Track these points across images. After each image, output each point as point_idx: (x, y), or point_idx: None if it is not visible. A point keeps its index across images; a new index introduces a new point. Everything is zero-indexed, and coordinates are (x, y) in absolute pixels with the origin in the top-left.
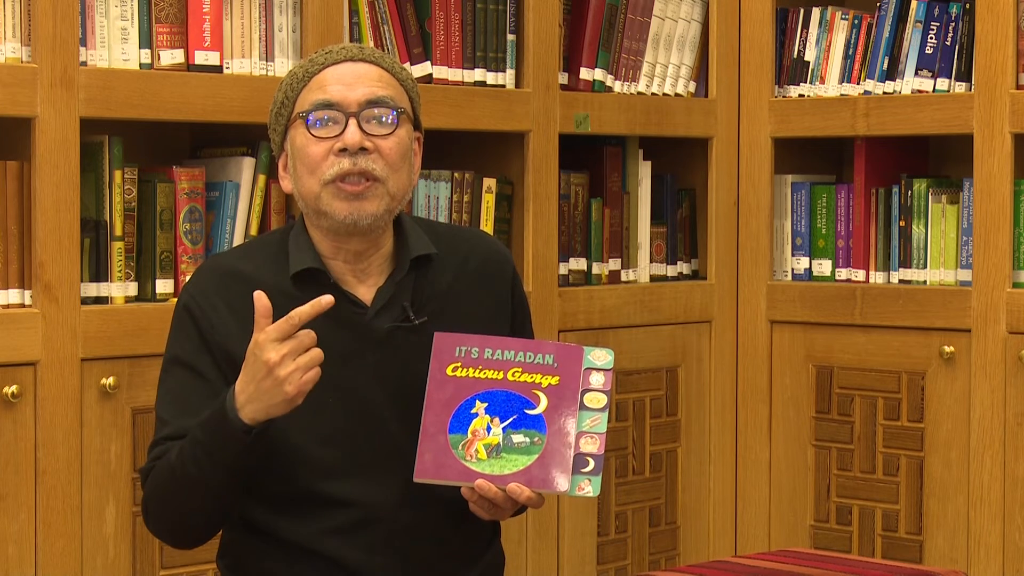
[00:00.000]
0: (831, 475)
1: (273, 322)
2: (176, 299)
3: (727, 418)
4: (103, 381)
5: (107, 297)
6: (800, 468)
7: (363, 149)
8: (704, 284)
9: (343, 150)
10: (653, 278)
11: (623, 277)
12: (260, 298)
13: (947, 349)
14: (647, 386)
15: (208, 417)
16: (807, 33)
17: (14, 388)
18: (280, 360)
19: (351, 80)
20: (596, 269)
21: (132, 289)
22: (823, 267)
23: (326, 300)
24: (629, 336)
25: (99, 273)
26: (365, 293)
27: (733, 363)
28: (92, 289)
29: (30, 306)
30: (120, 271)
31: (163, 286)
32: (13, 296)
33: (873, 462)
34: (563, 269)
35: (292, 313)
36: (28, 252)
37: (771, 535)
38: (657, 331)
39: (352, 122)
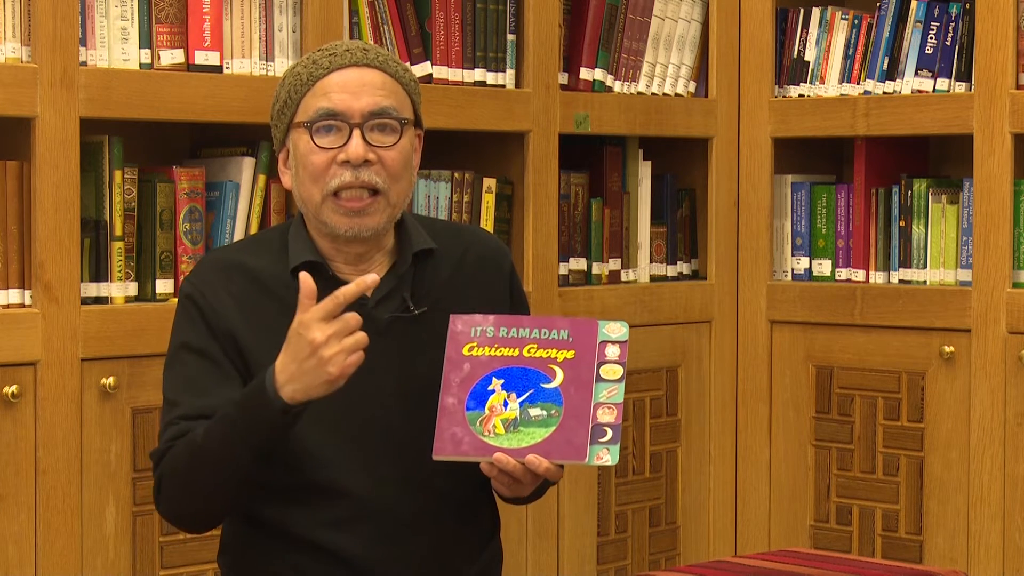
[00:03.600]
0: (831, 475)
1: (269, 309)
2: (178, 292)
3: (727, 418)
4: (103, 381)
5: (107, 297)
6: (800, 468)
7: (366, 161)
8: (704, 284)
9: (346, 162)
10: (653, 278)
11: (623, 277)
12: (306, 280)
13: (947, 349)
14: (647, 386)
15: (244, 396)
16: (807, 33)
17: (14, 388)
18: (325, 340)
19: (355, 88)
20: (596, 269)
21: (132, 289)
22: (823, 267)
23: (371, 279)
24: (629, 336)
25: (99, 273)
26: None
27: (733, 363)
28: (92, 289)
29: (30, 306)
30: (120, 271)
31: (163, 286)
32: (13, 296)
33: (873, 462)
34: (563, 269)
35: (337, 292)
36: (28, 252)
37: (771, 535)
38: (657, 331)
39: (356, 133)
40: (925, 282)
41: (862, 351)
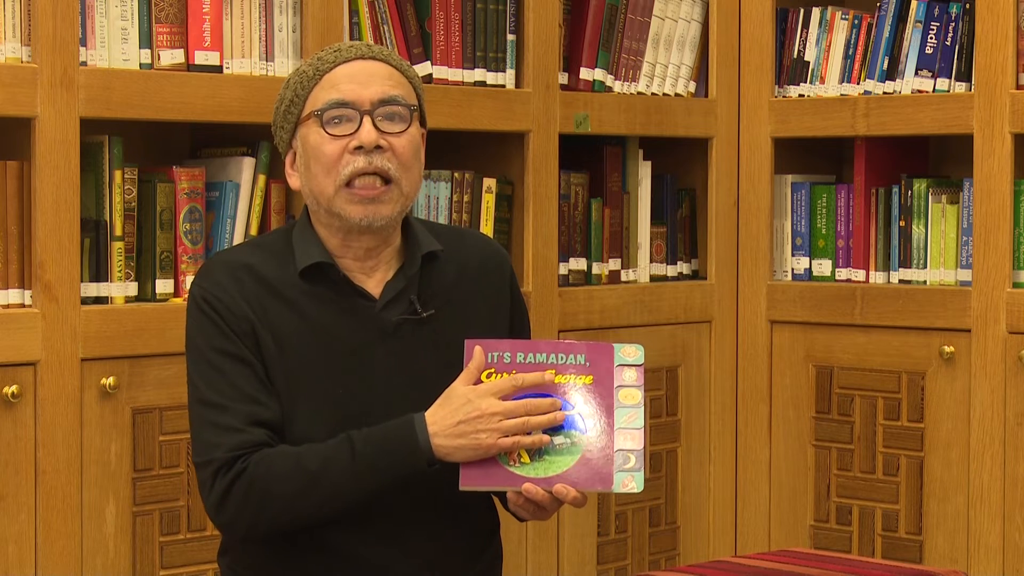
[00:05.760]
0: (831, 475)
1: (277, 298)
2: (187, 297)
3: (727, 418)
4: (103, 381)
5: (107, 297)
6: (800, 468)
7: (378, 147)
8: (704, 284)
9: (358, 148)
10: (653, 278)
11: (623, 277)
12: (478, 352)
13: (947, 349)
14: (647, 386)
15: (384, 438)
16: (807, 33)
17: (14, 388)
18: (494, 412)
19: (364, 78)
20: (596, 269)
21: (132, 289)
22: (823, 267)
23: (549, 376)
24: (629, 336)
25: (99, 273)
26: (373, 287)
27: (733, 363)
28: (92, 289)
29: (30, 306)
30: (120, 271)
31: (163, 286)
32: (13, 296)
33: (873, 462)
34: (563, 269)
35: (517, 377)
36: (28, 252)
37: (771, 535)
38: (657, 331)
39: (367, 120)
40: (925, 282)
41: (862, 351)
